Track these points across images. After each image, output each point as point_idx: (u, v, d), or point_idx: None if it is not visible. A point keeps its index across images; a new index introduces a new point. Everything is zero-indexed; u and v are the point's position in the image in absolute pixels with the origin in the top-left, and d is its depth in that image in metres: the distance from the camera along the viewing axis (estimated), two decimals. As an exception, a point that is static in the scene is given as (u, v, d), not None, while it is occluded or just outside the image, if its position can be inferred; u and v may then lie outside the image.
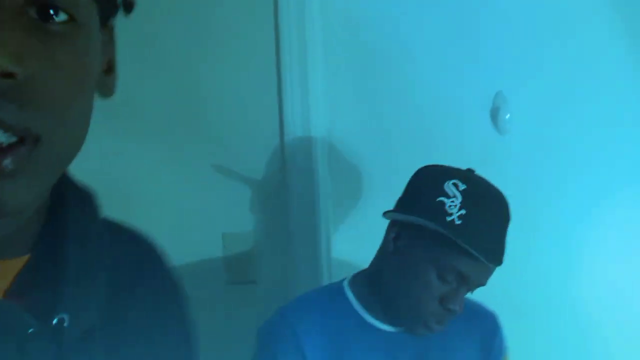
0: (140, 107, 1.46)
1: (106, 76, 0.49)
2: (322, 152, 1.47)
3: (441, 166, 1.11)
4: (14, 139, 0.39)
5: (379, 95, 1.47)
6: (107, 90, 0.49)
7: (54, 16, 0.41)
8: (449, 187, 1.04)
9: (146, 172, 1.48)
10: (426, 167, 1.12)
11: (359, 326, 1.09)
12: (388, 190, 1.21)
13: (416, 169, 1.14)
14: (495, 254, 1.04)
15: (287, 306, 1.12)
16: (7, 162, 0.39)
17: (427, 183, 1.08)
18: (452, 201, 1.03)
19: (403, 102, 1.46)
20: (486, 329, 1.16)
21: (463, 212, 1.02)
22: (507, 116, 1.46)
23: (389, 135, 1.47)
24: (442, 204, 1.03)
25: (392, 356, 1.08)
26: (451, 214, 1.02)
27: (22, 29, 0.39)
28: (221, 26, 1.44)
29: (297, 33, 1.40)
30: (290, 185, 1.45)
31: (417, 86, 1.45)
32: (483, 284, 1.07)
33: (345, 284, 1.15)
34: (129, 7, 0.48)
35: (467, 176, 1.07)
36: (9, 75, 0.38)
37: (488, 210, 1.05)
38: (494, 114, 1.47)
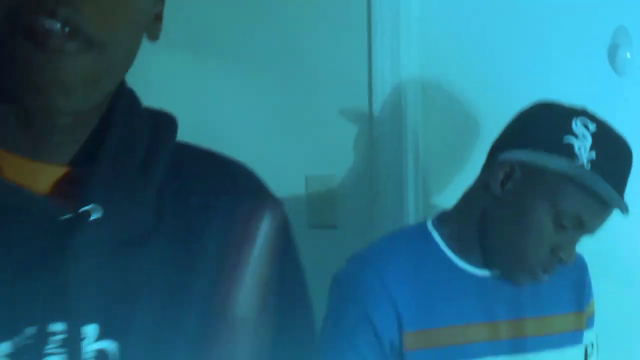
0: (232, 47, 1.45)
1: (154, 24, 0.56)
2: (412, 93, 1.36)
3: (559, 103, 1.01)
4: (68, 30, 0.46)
5: (478, 31, 1.34)
6: (154, 35, 0.56)
7: None
8: (577, 126, 0.95)
9: (232, 112, 1.46)
10: (543, 102, 1.02)
11: (448, 270, 1.02)
12: (485, 133, 1.11)
13: (520, 110, 1.04)
14: (622, 201, 0.96)
15: (369, 251, 1.03)
16: (72, 44, 0.47)
17: (551, 120, 0.98)
18: (582, 142, 0.94)
19: (506, 35, 1.32)
20: (577, 273, 1.09)
21: (593, 155, 0.94)
22: (628, 55, 1.30)
23: (489, 72, 1.33)
24: (571, 145, 0.94)
25: (484, 302, 1.02)
26: (580, 156, 0.94)
27: None
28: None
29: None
30: (376, 128, 1.37)
31: (524, 19, 1.31)
32: (592, 234, 1.00)
33: (430, 225, 1.06)
34: None
35: (592, 115, 0.98)
36: None
37: (618, 155, 0.98)
38: (613, 52, 1.31)
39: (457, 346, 0.99)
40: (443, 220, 1.06)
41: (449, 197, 1.16)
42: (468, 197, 1.06)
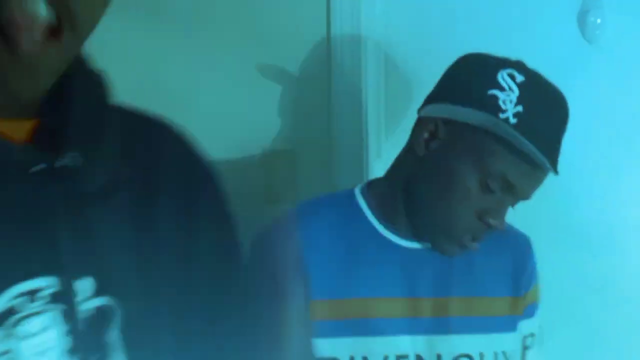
0: (185, 11, 1.35)
1: None
2: (373, 62, 1.29)
3: (489, 54, 0.93)
4: (52, 17, 0.44)
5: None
6: None
7: None
8: (503, 78, 0.87)
9: (184, 83, 1.37)
10: (471, 54, 0.94)
11: (370, 238, 0.94)
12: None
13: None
14: (553, 160, 0.88)
15: (288, 214, 0.97)
16: (52, 42, 0.45)
17: (475, 72, 0.90)
18: (507, 95, 0.86)
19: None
20: (518, 252, 1.01)
21: (520, 109, 0.85)
22: (598, 21, 1.24)
23: (454, 34, 1.27)
24: (495, 97, 0.86)
25: (408, 274, 0.94)
26: (505, 110, 0.86)
27: None
28: None
29: None
30: (336, 100, 1.30)
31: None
32: (527, 198, 0.91)
33: (357, 191, 0.98)
34: None
35: (523, 67, 0.90)
36: None
37: (548, 109, 0.89)
38: (582, 18, 1.25)
39: (368, 319, 0.92)
40: (373, 186, 0.99)
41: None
42: (397, 161, 0.98)
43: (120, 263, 0.50)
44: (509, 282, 0.99)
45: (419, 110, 0.96)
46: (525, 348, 1.01)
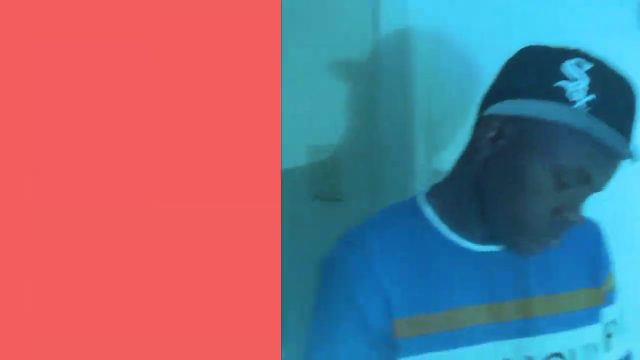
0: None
1: None
2: (421, 52, 1.26)
3: (548, 46, 0.89)
4: None
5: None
6: None
7: None
8: (569, 67, 0.84)
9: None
10: (530, 46, 0.91)
11: (442, 247, 0.92)
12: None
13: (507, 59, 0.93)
14: (632, 147, 0.84)
15: (355, 233, 0.95)
16: None
17: (539, 64, 0.87)
18: (576, 85, 0.83)
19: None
20: (590, 241, 1.00)
21: (593, 97, 0.82)
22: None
23: (507, 28, 1.23)
24: (563, 89, 0.83)
25: (487, 279, 0.92)
26: (574, 101, 0.82)
27: None
28: None
29: None
30: (382, 91, 1.28)
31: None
32: (602, 189, 0.88)
33: (420, 199, 0.96)
34: None
35: (585, 53, 0.87)
36: None
37: (621, 95, 0.85)
38: (642, 8, 1.20)
39: (455, 331, 0.90)
40: (435, 192, 0.96)
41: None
42: (459, 163, 0.95)
43: None
44: (587, 273, 0.97)
45: (480, 109, 0.93)
46: (608, 336, 1.00)
